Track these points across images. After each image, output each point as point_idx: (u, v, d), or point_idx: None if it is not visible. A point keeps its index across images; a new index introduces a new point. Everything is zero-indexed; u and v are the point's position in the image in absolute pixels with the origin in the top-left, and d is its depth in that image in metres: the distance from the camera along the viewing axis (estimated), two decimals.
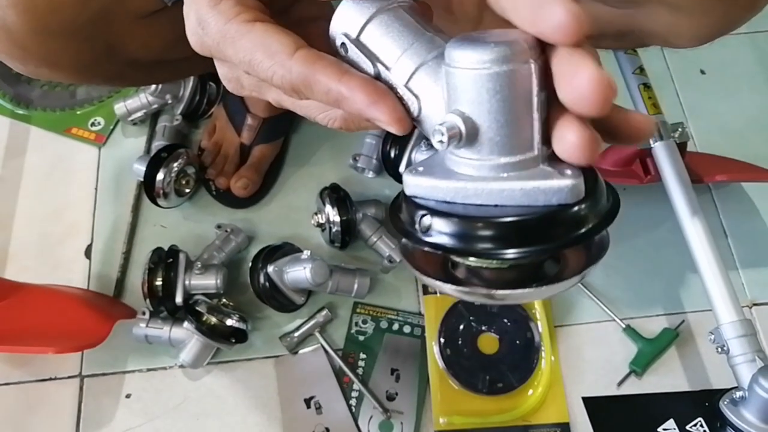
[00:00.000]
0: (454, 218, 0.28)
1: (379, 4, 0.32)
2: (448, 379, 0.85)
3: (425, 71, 0.30)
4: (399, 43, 0.31)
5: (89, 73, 0.68)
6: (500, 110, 0.27)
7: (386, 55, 0.31)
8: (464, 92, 0.27)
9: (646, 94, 0.88)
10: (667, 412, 0.83)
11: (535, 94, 0.27)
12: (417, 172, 0.30)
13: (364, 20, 0.32)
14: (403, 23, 0.32)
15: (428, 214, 0.28)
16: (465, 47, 0.27)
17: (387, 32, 0.32)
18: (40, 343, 0.78)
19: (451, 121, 0.27)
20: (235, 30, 0.33)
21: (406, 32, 0.31)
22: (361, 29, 0.32)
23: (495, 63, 0.26)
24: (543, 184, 0.27)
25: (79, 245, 0.96)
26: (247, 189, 0.95)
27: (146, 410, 0.85)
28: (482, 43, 0.27)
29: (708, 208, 0.96)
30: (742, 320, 0.74)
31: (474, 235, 0.27)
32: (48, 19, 0.59)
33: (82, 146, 1.04)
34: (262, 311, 0.89)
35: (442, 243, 0.28)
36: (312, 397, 0.85)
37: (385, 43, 0.31)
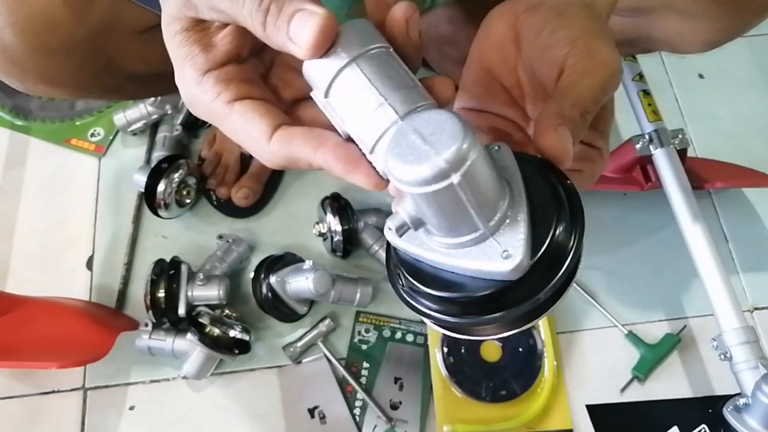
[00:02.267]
0: (412, 281, 0.33)
1: (343, 60, 0.31)
2: (452, 387, 0.85)
3: (387, 138, 0.31)
4: (362, 106, 0.32)
5: (87, 88, 0.68)
6: (437, 214, 0.30)
7: (351, 119, 0.33)
8: (405, 194, 0.30)
9: (646, 101, 0.88)
10: (670, 419, 0.83)
11: (466, 199, 0.29)
12: (400, 233, 0.33)
13: (327, 81, 0.32)
14: (366, 82, 0.31)
15: (401, 273, 0.34)
16: (395, 163, 0.29)
17: (350, 93, 0.32)
18: (44, 358, 0.78)
19: (399, 219, 0.31)
20: (218, 111, 0.35)
21: (369, 93, 0.31)
22: (327, 89, 0.32)
23: (420, 185, 0.28)
24: (486, 265, 0.30)
25: (80, 257, 0.96)
26: (248, 199, 0.95)
27: (150, 422, 0.85)
28: (407, 161, 0.28)
29: (708, 213, 0.97)
30: (744, 327, 0.74)
31: (427, 300, 0.33)
32: (45, 38, 0.59)
33: (82, 157, 1.04)
34: (264, 321, 0.89)
35: (406, 299, 0.35)
36: (315, 406, 0.85)
37: (348, 107, 0.32)
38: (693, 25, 0.67)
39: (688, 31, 0.69)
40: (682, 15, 0.67)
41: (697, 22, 0.67)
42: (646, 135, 0.86)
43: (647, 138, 0.86)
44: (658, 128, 0.86)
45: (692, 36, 0.70)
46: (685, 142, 0.86)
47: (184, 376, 0.84)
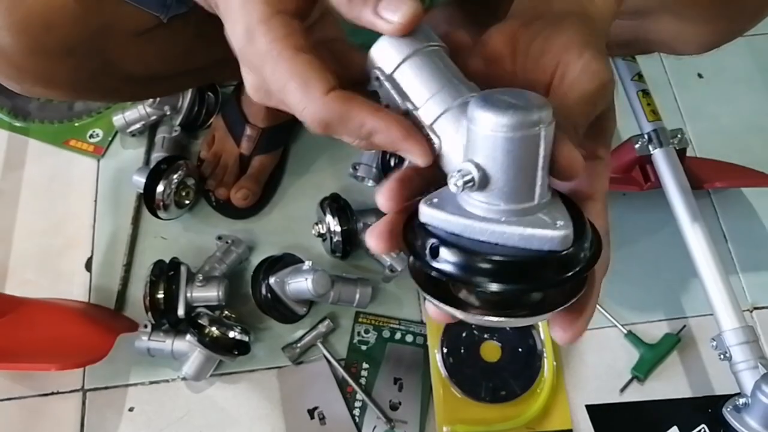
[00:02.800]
0: (458, 250, 0.31)
1: (415, 46, 0.34)
2: (451, 387, 0.85)
3: (449, 117, 0.34)
4: (428, 86, 0.34)
5: (85, 90, 0.68)
6: (511, 167, 0.31)
7: (416, 95, 0.34)
8: (481, 147, 0.31)
9: (645, 101, 0.88)
10: (670, 419, 0.83)
11: (542, 155, 0.31)
12: (432, 204, 0.33)
13: (399, 60, 0.34)
14: (434, 67, 0.34)
15: (438, 244, 0.32)
16: (485, 110, 0.30)
17: (419, 74, 0.34)
18: (43, 360, 0.78)
19: (467, 169, 0.31)
20: (278, 51, 0.33)
21: (436, 77, 0.34)
22: (396, 67, 0.34)
23: (510, 129, 0.30)
24: (538, 232, 0.31)
25: (79, 258, 0.96)
26: (247, 200, 0.95)
27: (149, 423, 0.85)
28: (500, 108, 0.30)
29: (708, 213, 0.97)
30: (744, 327, 0.75)
31: (472, 267, 0.31)
32: (43, 39, 0.59)
33: (81, 158, 1.04)
34: (264, 322, 0.89)
35: (445, 270, 0.32)
36: (315, 407, 0.85)
37: (415, 84, 0.34)
38: (689, 28, 0.68)
39: (685, 33, 0.69)
40: (678, 17, 0.67)
41: (694, 24, 0.67)
42: (646, 135, 0.86)
43: (646, 138, 0.86)
44: (658, 128, 0.86)
45: (689, 38, 0.70)
46: (684, 141, 0.86)
47: (184, 377, 0.84)
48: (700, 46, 0.71)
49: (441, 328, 0.88)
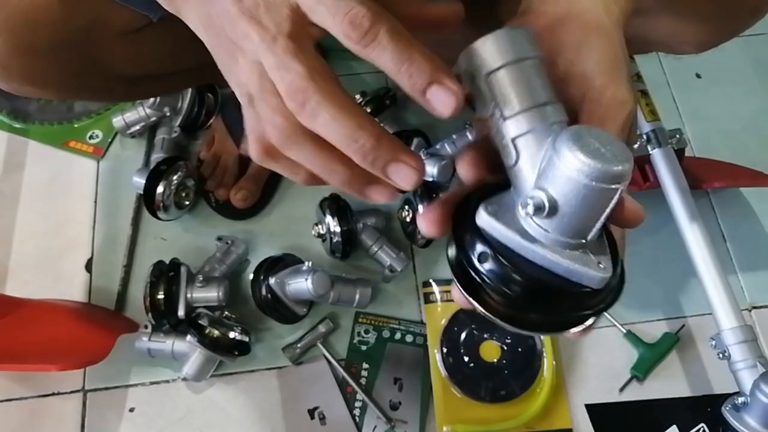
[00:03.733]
0: (506, 265, 0.33)
1: (519, 54, 0.34)
2: (451, 387, 0.85)
3: (534, 135, 0.33)
4: (523, 99, 0.33)
5: (75, 89, 0.68)
6: (581, 210, 0.32)
7: (508, 104, 0.34)
8: (559, 182, 0.31)
9: (644, 101, 0.88)
10: (669, 418, 0.83)
11: (611, 207, 0.32)
12: (491, 212, 0.34)
13: (501, 63, 0.33)
14: (532, 80, 0.34)
15: (489, 254, 0.33)
16: (574, 150, 0.30)
17: (516, 84, 0.33)
18: (43, 361, 0.78)
19: (540, 199, 0.32)
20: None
21: (532, 91, 0.34)
22: (496, 69, 0.33)
23: (593, 179, 0.30)
24: (583, 269, 0.33)
25: (79, 259, 0.96)
26: (246, 200, 0.95)
27: (150, 424, 0.85)
28: (589, 154, 0.30)
29: (706, 213, 0.97)
30: (742, 326, 0.75)
31: (514, 284, 0.33)
32: (28, 38, 0.59)
33: (81, 159, 1.04)
34: (264, 323, 0.89)
35: (488, 278, 0.33)
36: (315, 407, 0.85)
37: (511, 93, 0.34)
38: (688, 26, 0.68)
39: (683, 32, 0.69)
40: (677, 16, 0.67)
41: (692, 23, 0.67)
42: (644, 135, 0.87)
43: (645, 138, 0.86)
44: (656, 128, 0.87)
45: (687, 37, 0.70)
46: (682, 141, 0.86)
47: (184, 377, 0.84)
48: (698, 46, 0.71)
49: (441, 329, 0.88)
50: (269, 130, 0.35)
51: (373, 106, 0.97)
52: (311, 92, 0.33)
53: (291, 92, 0.33)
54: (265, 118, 0.35)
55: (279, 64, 0.33)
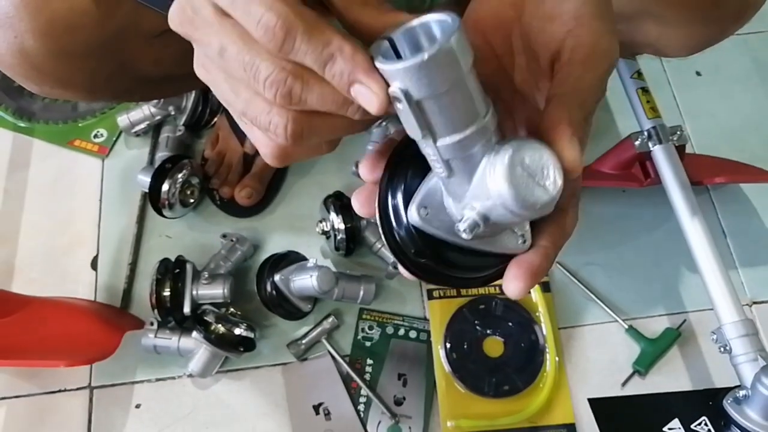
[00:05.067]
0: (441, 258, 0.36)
1: (451, 76, 0.29)
2: (455, 382, 0.86)
3: (469, 157, 0.32)
4: (455, 124, 0.31)
5: (100, 91, 0.69)
6: (510, 222, 0.33)
7: (440, 128, 0.31)
8: (490, 204, 0.32)
9: (645, 98, 0.89)
10: (671, 411, 0.84)
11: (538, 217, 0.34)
12: (423, 216, 0.35)
13: (433, 92, 0.29)
14: (464, 101, 0.30)
15: (423, 252, 0.36)
16: (506, 181, 0.31)
17: (449, 108, 0.30)
18: (51, 357, 0.78)
19: (474, 221, 0.33)
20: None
21: (465, 112, 0.31)
22: (426, 97, 0.29)
23: (522, 210, 0.32)
24: (508, 248, 0.36)
25: (84, 257, 0.97)
26: (250, 198, 0.96)
27: (156, 420, 0.86)
28: (521, 183, 0.31)
29: (706, 209, 0.98)
30: (743, 320, 0.75)
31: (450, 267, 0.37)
32: (65, 42, 0.59)
33: (86, 158, 1.05)
34: (269, 319, 0.90)
35: (425, 266, 0.36)
36: (320, 403, 0.86)
37: (442, 119, 0.30)
38: (672, 31, 0.69)
39: (668, 36, 0.70)
40: (660, 21, 0.68)
41: (674, 28, 0.68)
42: (645, 132, 0.87)
43: (646, 135, 0.87)
44: (657, 125, 0.87)
45: (672, 41, 0.71)
46: (683, 138, 0.87)
47: (190, 374, 0.85)
48: (683, 49, 0.72)
49: (444, 324, 0.89)
50: (254, 79, 0.31)
51: None
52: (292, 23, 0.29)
53: (268, 26, 0.29)
54: (240, 66, 0.31)
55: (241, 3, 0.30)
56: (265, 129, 0.33)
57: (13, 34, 0.58)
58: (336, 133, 0.34)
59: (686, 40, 0.70)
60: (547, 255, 0.36)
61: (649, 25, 0.69)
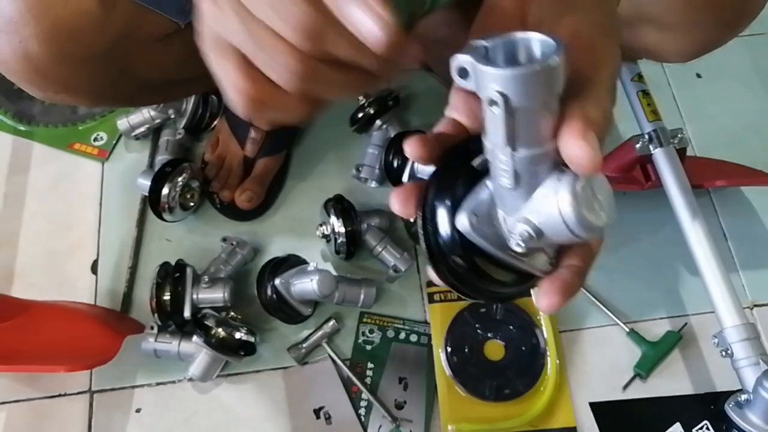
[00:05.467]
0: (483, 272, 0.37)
1: (551, 93, 0.31)
2: (456, 386, 0.86)
3: (539, 171, 0.33)
4: (537, 137, 0.32)
5: (104, 96, 0.69)
6: (558, 239, 0.34)
7: (523, 139, 0.32)
8: (550, 222, 0.33)
9: (645, 101, 0.89)
10: (673, 415, 0.84)
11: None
12: (473, 224, 0.35)
13: (531, 104, 0.30)
14: (552, 116, 0.32)
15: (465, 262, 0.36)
16: (573, 205, 0.32)
17: (538, 121, 0.31)
18: (51, 362, 0.78)
19: (528, 233, 0.34)
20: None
21: (548, 128, 0.32)
22: (523, 107, 0.31)
23: (583, 231, 0.33)
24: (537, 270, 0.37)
25: (84, 261, 0.96)
26: (251, 201, 0.95)
27: (156, 424, 0.85)
28: (585, 208, 0.32)
29: (707, 211, 0.97)
30: (745, 324, 0.75)
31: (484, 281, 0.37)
32: (69, 47, 0.59)
33: (86, 161, 1.04)
34: (269, 323, 0.90)
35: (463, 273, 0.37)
36: (321, 407, 0.86)
37: (529, 130, 0.32)
38: (669, 37, 0.69)
39: (666, 42, 0.70)
40: (658, 28, 0.68)
41: (673, 34, 0.68)
42: (646, 135, 0.87)
43: (647, 138, 0.87)
44: (658, 128, 0.87)
45: (670, 47, 0.71)
46: (684, 141, 0.87)
47: (190, 378, 0.84)
48: (682, 55, 0.73)
49: (445, 328, 0.89)
50: (274, 72, 0.32)
51: (376, 107, 0.98)
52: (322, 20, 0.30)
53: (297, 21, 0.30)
54: (261, 60, 0.32)
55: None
56: (269, 69, 0.32)
57: (18, 38, 0.58)
58: (333, 87, 0.33)
59: (684, 45, 0.71)
60: (579, 273, 0.37)
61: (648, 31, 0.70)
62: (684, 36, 0.69)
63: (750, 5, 0.65)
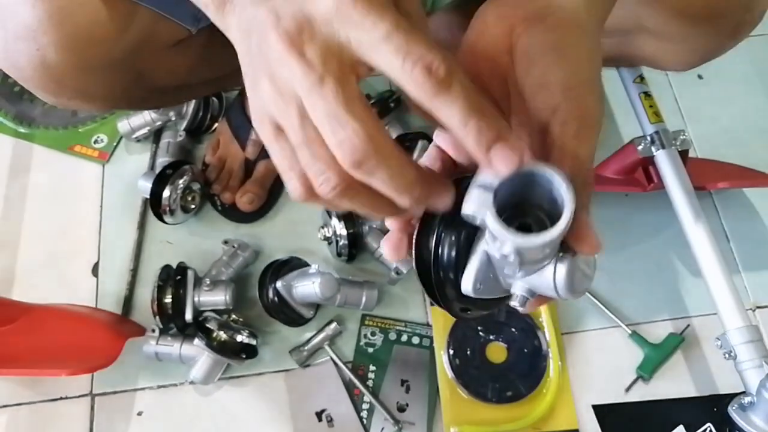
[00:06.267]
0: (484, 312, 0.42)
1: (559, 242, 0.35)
2: (458, 388, 0.86)
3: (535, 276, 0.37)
4: (543, 260, 0.36)
5: (117, 101, 0.69)
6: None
7: (529, 265, 0.36)
8: (544, 288, 0.37)
9: (647, 103, 0.89)
10: (676, 418, 0.84)
11: None
12: (478, 290, 0.37)
13: (542, 256, 0.35)
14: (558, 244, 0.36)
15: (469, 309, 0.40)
16: (569, 286, 0.37)
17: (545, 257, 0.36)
18: (52, 365, 0.78)
19: (524, 297, 0.38)
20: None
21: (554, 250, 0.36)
22: (540, 257, 0.35)
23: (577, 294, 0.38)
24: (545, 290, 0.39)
25: (85, 263, 0.96)
26: (252, 203, 0.95)
27: (158, 427, 0.85)
28: (578, 282, 0.37)
29: (709, 213, 0.97)
30: (748, 326, 0.75)
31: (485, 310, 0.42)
32: (87, 55, 0.59)
33: (86, 164, 1.04)
34: (271, 326, 0.90)
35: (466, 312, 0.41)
36: (323, 410, 0.85)
37: (537, 260, 0.36)
38: (668, 46, 0.69)
39: (665, 51, 0.70)
40: (656, 37, 0.68)
41: (672, 43, 0.68)
42: (648, 136, 0.87)
43: (649, 139, 0.87)
44: (660, 130, 0.87)
45: (669, 56, 0.71)
46: (686, 143, 0.87)
47: (192, 381, 0.84)
48: (680, 64, 0.73)
49: (447, 330, 0.88)
50: (319, 183, 0.33)
51: (377, 108, 0.98)
52: (370, 155, 0.31)
53: (346, 151, 0.31)
54: (311, 169, 0.33)
55: (330, 114, 0.31)
56: (314, 174, 0.33)
57: (35, 46, 0.58)
58: (367, 211, 0.35)
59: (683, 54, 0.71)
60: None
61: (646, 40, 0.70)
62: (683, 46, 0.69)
63: (750, 15, 0.65)
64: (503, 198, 0.34)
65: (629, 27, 0.68)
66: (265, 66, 0.33)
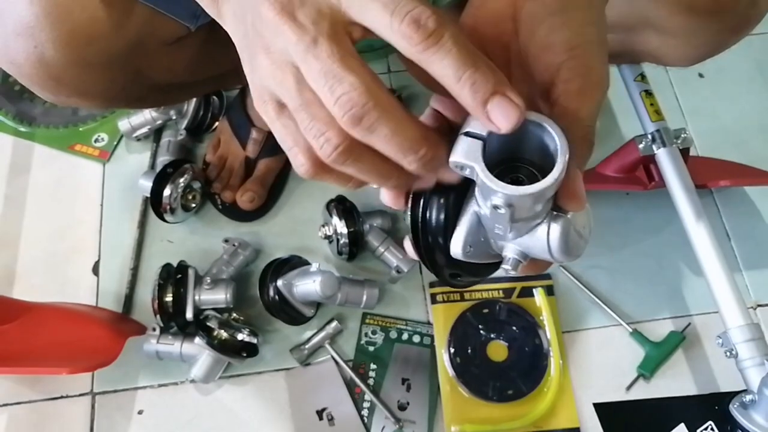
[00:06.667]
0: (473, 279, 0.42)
1: (552, 194, 0.34)
2: (459, 387, 0.85)
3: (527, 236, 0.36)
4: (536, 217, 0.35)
5: (115, 99, 0.69)
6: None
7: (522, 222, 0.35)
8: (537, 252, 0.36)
9: (648, 101, 0.89)
10: (677, 416, 0.84)
11: None
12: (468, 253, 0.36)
13: (534, 210, 0.34)
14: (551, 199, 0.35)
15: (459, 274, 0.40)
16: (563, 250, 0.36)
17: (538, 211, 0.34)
18: (53, 364, 0.78)
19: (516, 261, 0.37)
20: None
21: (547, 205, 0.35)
22: (531, 209, 0.34)
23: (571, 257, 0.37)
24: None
25: (86, 262, 0.96)
26: (252, 202, 0.95)
27: (159, 426, 0.85)
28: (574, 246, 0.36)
29: (710, 211, 0.97)
30: (749, 324, 0.75)
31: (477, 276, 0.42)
32: (85, 52, 0.59)
33: (87, 163, 1.04)
34: (271, 324, 0.90)
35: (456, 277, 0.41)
36: (324, 408, 0.85)
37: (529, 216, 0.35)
38: (671, 41, 0.69)
39: (668, 47, 0.70)
40: (660, 33, 0.68)
41: (675, 38, 0.68)
42: (649, 135, 0.87)
43: (650, 138, 0.87)
44: (661, 128, 0.87)
45: (672, 51, 0.71)
46: (687, 141, 0.87)
47: (193, 379, 0.84)
48: (683, 59, 0.72)
49: (448, 329, 0.88)
50: (319, 145, 0.32)
51: None
52: (369, 108, 0.31)
53: (345, 106, 0.30)
54: (311, 132, 0.32)
55: (326, 71, 0.31)
56: (314, 137, 0.32)
57: (33, 43, 0.58)
58: (373, 177, 0.34)
59: (686, 50, 0.70)
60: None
61: (650, 36, 0.70)
62: (686, 41, 0.69)
63: (754, 10, 0.65)
64: (493, 151, 0.33)
65: (633, 23, 0.68)
66: (260, 42, 0.33)
